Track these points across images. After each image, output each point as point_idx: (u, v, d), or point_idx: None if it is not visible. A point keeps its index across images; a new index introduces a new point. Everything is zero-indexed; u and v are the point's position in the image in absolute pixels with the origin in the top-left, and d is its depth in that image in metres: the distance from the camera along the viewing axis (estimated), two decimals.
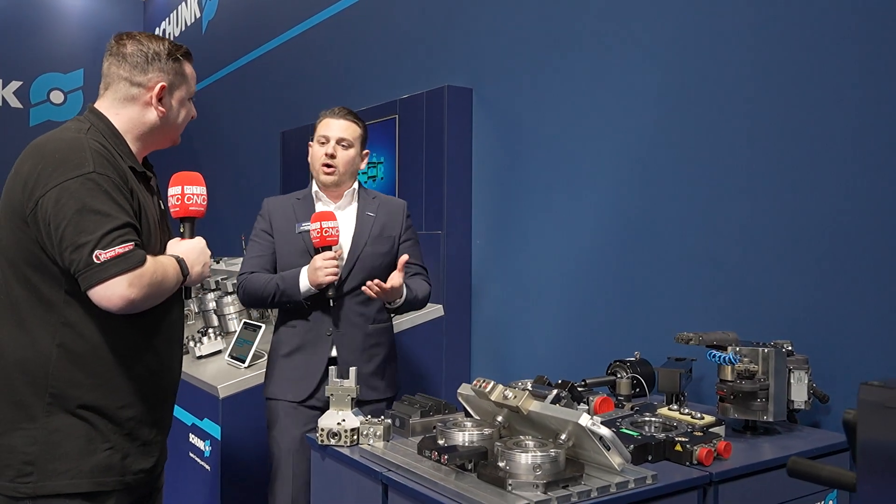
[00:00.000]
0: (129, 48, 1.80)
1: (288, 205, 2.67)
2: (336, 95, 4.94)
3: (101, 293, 1.58)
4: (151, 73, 1.80)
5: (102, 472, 1.71)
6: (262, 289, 2.51)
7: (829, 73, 2.24)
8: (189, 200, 1.88)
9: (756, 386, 1.97)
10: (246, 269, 2.60)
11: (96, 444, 1.70)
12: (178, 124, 1.89)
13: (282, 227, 2.62)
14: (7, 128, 9.00)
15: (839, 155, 2.21)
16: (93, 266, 1.57)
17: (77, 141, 1.68)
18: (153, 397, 1.82)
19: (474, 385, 1.77)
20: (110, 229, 1.59)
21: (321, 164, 2.58)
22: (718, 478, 1.72)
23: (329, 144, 2.58)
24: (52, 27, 9.47)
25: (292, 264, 2.54)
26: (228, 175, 6.74)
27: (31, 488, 1.65)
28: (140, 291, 1.61)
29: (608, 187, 2.95)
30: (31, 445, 1.66)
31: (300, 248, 2.56)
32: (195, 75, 1.94)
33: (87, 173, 1.62)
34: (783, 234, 2.35)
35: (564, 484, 1.52)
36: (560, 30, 3.18)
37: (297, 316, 2.57)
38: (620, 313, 2.90)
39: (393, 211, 2.67)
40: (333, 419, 1.92)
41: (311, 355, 2.53)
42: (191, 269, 1.81)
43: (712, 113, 2.57)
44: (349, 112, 2.66)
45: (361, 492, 1.78)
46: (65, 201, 1.59)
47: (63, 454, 1.67)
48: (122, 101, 1.80)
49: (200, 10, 7.58)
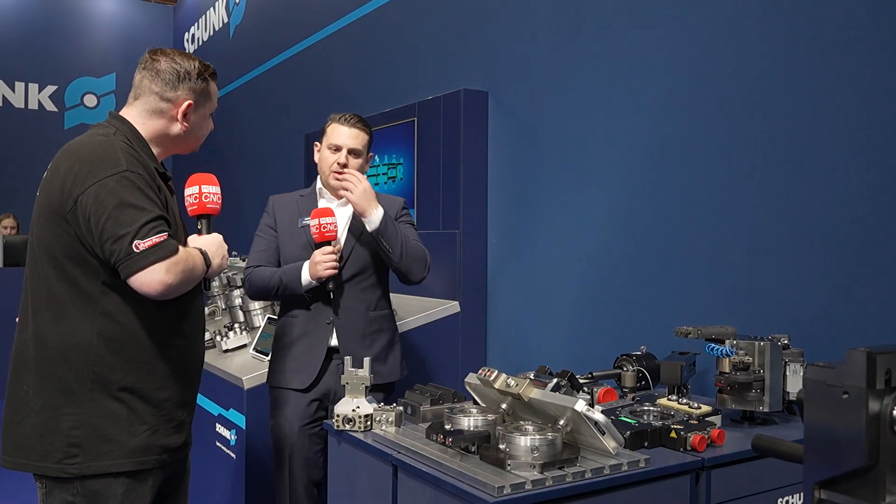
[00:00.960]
0: (163, 65, 1.94)
1: (292, 201, 2.78)
2: (357, 98, 5.07)
3: (142, 279, 1.72)
4: (181, 91, 1.95)
5: (143, 452, 1.84)
6: (267, 282, 2.62)
7: (828, 74, 2.31)
8: (206, 199, 2.02)
9: (751, 377, 2.05)
10: (251, 262, 2.71)
11: (136, 426, 1.84)
12: (198, 137, 2.06)
13: (285, 223, 2.73)
14: (43, 130, 9.29)
15: (837, 152, 2.28)
16: (133, 255, 1.71)
17: (109, 143, 1.83)
18: (183, 379, 1.96)
19: (479, 374, 1.89)
20: (146, 221, 1.74)
21: (332, 171, 2.67)
22: (711, 463, 1.81)
23: (341, 154, 2.66)
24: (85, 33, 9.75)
25: (295, 257, 2.65)
26: (254, 176, 6.90)
27: (78, 469, 1.78)
28: (176, 277, 1.75)
29: (618, 188, 3.04)
30: (77, 429, 1.79)
31: (303, 242, 2.67)
32: (217, 93, 2.09)
33: (122, 171, 1.77)
34: (785, 233, 2.43)
35: (560, 465, 1.62)
36: (574, 34, 3.27)
37: (298, 306, 2.68)
38: (629, 309, 2.99)
39: (388, 205, 2.77)
40: (349, 406, 2.04)
41: (312, 344, 2.64)
42: (211, 260, 1.95)
43: (716, 117, 2.65)
44: (359, 119, 2.73)
45: (374, 473, 1.90)
46: (103, 197, 1.74)
47: (106, 436, 1.80)
48: (150, 112, 1.95)
49: (228, 16, 7.77)
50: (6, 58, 9.19)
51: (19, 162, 9.09)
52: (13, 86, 9.24)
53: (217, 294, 4.53)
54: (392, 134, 4.25)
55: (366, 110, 4.71)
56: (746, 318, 2.50)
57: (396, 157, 4.22)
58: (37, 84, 9.36)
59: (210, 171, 2.20)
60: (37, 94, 9.37)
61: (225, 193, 2.12)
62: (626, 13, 3.02)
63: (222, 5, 7.94)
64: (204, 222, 2.03)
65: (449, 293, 3.65)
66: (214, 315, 4.48)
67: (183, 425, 1.98)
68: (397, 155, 4.20)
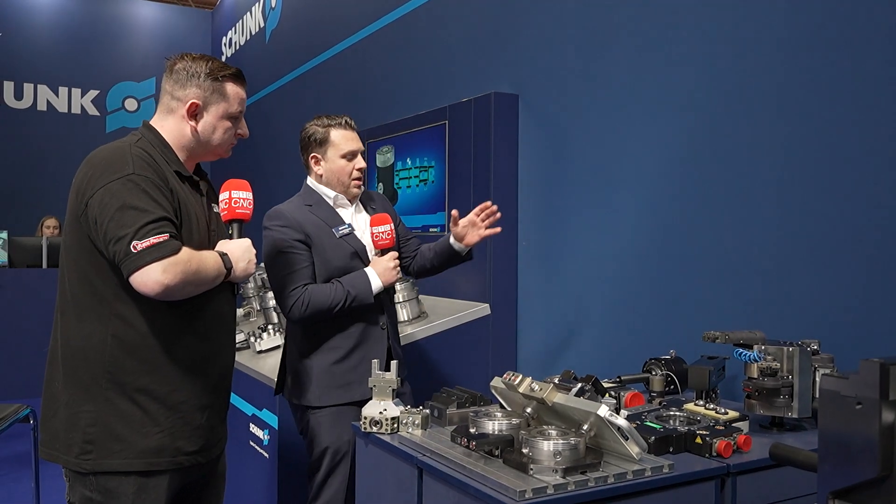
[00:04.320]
0: (178, 66, 2.00)
1: (307, 213, 2.63)
2: (388, 102, 5.11)
3: (139, 279, 1.76)
4: (188, 90, 1.98)
5: (154, 454, 1.88)
6: (331, 299, 2.50)
7: (857, 78, 2.28)
8: (236, 204, 2.06)
9: (779, 383, 2.04)
10: (299, 281, 2.53)
11: (148, 428, 1.88)
12: (215, 139, 2.03)
13: (317, 235, 2.59)
14: (86, 134, 9.53)
15: (868, 155, 2.25)
16: (130, 255, 1.75)
17: (121, 149, 1.90)
18: (201, 382, 1.97)
19: (504, 378, 1.90)
20: (146, 222, 1.77)
21: (354, 179, 2.66)
22: (736, 469, 1.80)
23: (359, 159, 2.67)
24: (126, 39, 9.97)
25: (342, 268, 2.59)
26: (287, 180, 6.99)
27: (92, 465, 1.85)
28: (174, 277, 1.77)
29: (648, 191, 3.03)
30: (92, 426, 1.85)
31: (348, 251, 2.61)
32: (242, 96, 2.06)
33: (128, 175, 1.82)
34: (816, 236, 2.40)
35: (583, 470, 1.63)
36: (603, 37, 3.26)
37: (348, 317, 2.59)
38: (660, 313, 2.98)
39: (383, 201, 2.83)
40: (376, 408, 2.07)
41: (368, 350, 2.60)
42: (235, 264, 1.96)
43: (746, 121, 2.63)
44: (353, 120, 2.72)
45: (400, 475, 1.93)
46: (107, 200, 1.79)
47: (118, 436, 1.86)
48: (165, 112, 2.01)
49: (264, 20, 7.88)
50: (50, 64, 9.46)
51: (63, 165, 9.32)
52: (57, 91, 9.50)
53: (252, 296, 4.61)
54: (423, 137, 4.28)
55: (397, 113, 4.76)
56: (777, 322, 2.47)
57: (428, 160, 4.25)
58: (79, 89, 9.61)
59: (246, 175, 2.24)
60: (79, 98, 9.62)
61: (260, 198, 2.16)
62: (656, 15, 3.01)
63: (259, 9, 8.06)
64: (235, 227, 2.06)
65: (479, 295, 3.67)
66: (249, 316, 4.56)
67: (202, 429, 1.98)
68: (429, 158, 4.23)
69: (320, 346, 2.60)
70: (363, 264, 2.63)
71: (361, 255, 2.64)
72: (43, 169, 9.30)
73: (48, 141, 9.42)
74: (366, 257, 2.66)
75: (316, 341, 2.61)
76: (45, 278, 6.52)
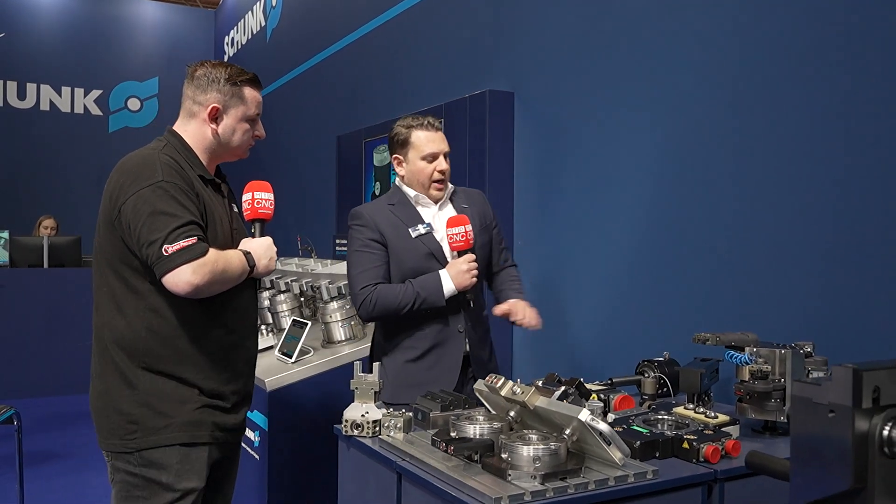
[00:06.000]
0: (199, 72, 2.11)
1: (386, 212, 2.60)
2: (387, 100, 5.08)
3: (171, 280, 1.88)
4: (210, 94, 2.09)
5: (195, 426, 2.02)
6: (399, 299, 2.47)
7: (852, 80, 2.23)
8: (258, 205, 2.19)
9: (769, 386, 1.99)
10: (368, 280, 2.51)
11: (188, 405, 2.01)
12: (235, 140, 2.14)
13: (392, 234, 2.55)
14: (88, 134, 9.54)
15: (864, 157, 2.20)
16: (162, 258, 1.87)
17: (150, 157, 2.01)
18: (228, 371, 2.10)
19: (487, 381, 1.86)
20: (176, 227, 1.89)
21: (434, 181, 2.58)
22: (724, 475, 1.75)
23: (440, 160, 2.58)
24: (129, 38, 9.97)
25: (417, 268, 2.53)
26: (288, 178, 6.97)
27: (137, 443, 1.98)
28: (203, 278, 1.89)
29: (643, 190, 2.98)
30: (135, 408, 1.98)
31: (423, 252, 2.55)
32: (258, 99, 2.18)
33: (158, 182, 1.94)
34: (810, 237, 2.35)
35: (563, 476, 1.58)
36: (600, 34, 3.22)
37: (425, 318, 2.53)
38: (654, 313, 2.93)
39: (479, 200, 2.71)
40: (358, 411, 2.03)
41: (444, 353, 2.55)
42: (257, 262, 2.09)
43: (741, 120, 2.58)
44: (436, 119, 2.65)
45: (379, 479, 1.89)
46: (140, 206, 1.92)
47: (161, 412, 1.98)
48: (187, 117, 2.12)
49: (265, 19, 7.86)
50: (53, 64, 9.46)
51: (65, 165, 9.37)
52: (59, 90, 9.50)
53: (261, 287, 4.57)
54: None
55: (393, 112, 4.72)
56: (771, 323, 2.42)
57: None
58: (82, 89, 9.61)
59: (248, 174, 2.32)
60: (82, 98, 9.62)
61: None
62: (652, 13, 2.96)
63: (260, 9, 8.04)
64: (257, 226, 2.19)
65: None
66: None
67: (234, 412, 2.12)
68: None
69: (397, 344, 2.59)
70: (440, 265, 2.54)
71: (437, 256, 2.55)
72: (46, 169, 9.31)
73: (51, 141, 9.43)
74: (443, 258, 2.57)
75: (393, 340, 2.60)
76: (46, 278, 6.52)
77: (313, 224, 6.09)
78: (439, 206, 2.65)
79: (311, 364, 3.22)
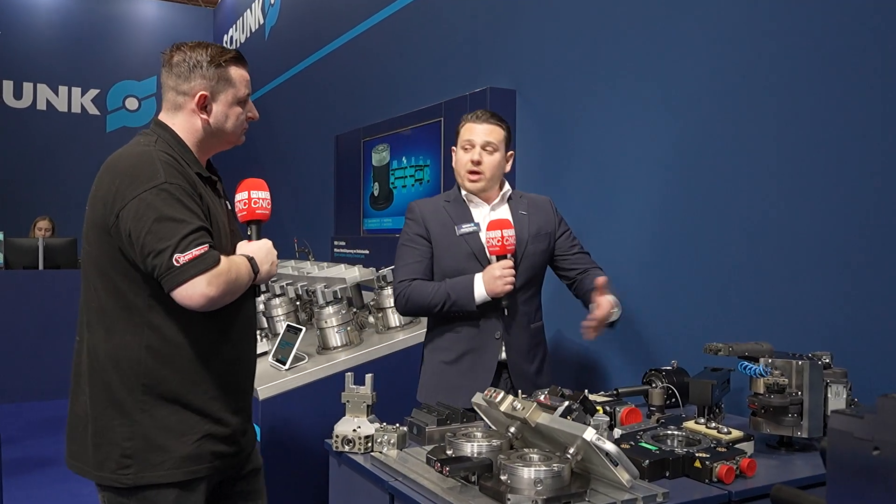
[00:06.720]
0: (176, 58, 1.90)
1: (439, 208, 2.56)
2: (386, 98, 4.97)
3: (184, 293, 1.70)
4: (194, 82, 1.89)
5: (194, 461, 1.83)
6: (430, 298, 2.42)
7: (866, 77, 2.12)
8: (255, 204, 1.99)
9: (786, 400, 1.87)
10: (405, 275, 2.48)
11: (188, 436, 1.83)
12: (228, 127, 1.95)
13: (439, 231, 2.51)
14: (86, 134, 9.44)
15: (885, 159, 2.09)
16: (173, 269, 1.68)
17: (147, 154, 1.81)
18: (233, 387, 1.94)
19: (485, 395, 1.75)
20: (186, 234, 1.71)
21: (466, 171, 2.50)
22: (738, 497, 1.64)
23: (474, 150, 2.48)
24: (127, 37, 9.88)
25: (456, 268, 2.46)
26: (286, 178, 6.87)
27: (132, 479, 1.79)
28: (218, 289, 1.72)
29: (649, 191, 2.87)
30: (129, 440, 1.79)
31: (464, 252, 2.47)
32: (246, 77, 1.98)
33: (160, 184, 1.74)
34: (828, 244, 2.24)
35: (566, 500, 1.47)
36: (603, 31, 3.11)
37: (462, 320, 2.47)
38: (663, 320, 2.82)
39: (543, 207, 2.60)
40: (349, 426, 1.92)
41: (478, 359, 2.46)
42: (260, 267, 1.90)
43: (753, 120, 2.47)
44: (493, 115, 2.54)
45: (371, 499, 1.78)
46: (143, 212, 1.71)
47: (158, 446, 1.80)
48: (173, 110, 1.92)
49: (264, 17, 7.77)
50: (49, 62, 9.36)
51: (62, 165, 9.26)
52: (56, 90, 9.40)
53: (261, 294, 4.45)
54: (419, 135, 4.13)
55: (394, 111, 4.61)
56: (786, 332, 2.31)
57: (423, 158, 4.09)
58: (79, 88, 9.51)
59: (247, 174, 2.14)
60: (79, 97, 9.52)
61: None
62: (656, 8, 2.84)
63: (258, 6, 7.94)
64: (254, 228, 2.00)
65: None
66: None
67: (235, 433, 1.94)
68: (424, 157, 4.08)
69: (436, 344, 2.54)
70: (480, 267, 2.44)
71: (479, 258, 2.46)
72: (43, 170, 9.21)
73: (48, 141, 9.32)
74: (485, 260, 2.46)
75: (434, 338, 2.56)
76: (41, 280, 6.44)
77: (311, 225, 5.98)
78: (492, 207, 2.56)
79: (306, 371, 3.11)
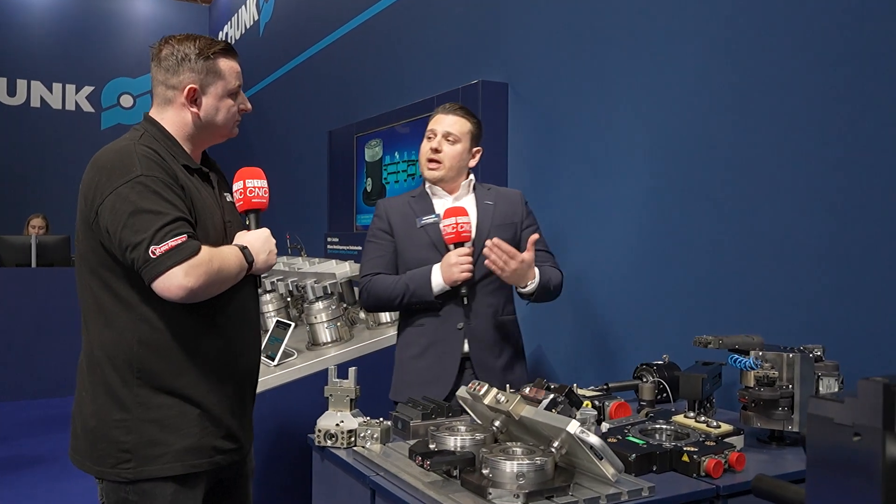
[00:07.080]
0: (164, 52, 1.88)
1: (404, 203, 2.57)
2: (379, 92, 4.94)
3: (162, 285, 1.67)
4: (182, 76, 1.86)
5: (193, 455, 1.81)
6: (390, 290, 2.42)
7: (860, 75, 2.09)
8: (251, 193, 1.96)
9: (776, 394, 1.84)
10: (368, 270, 2.49)
11: (186, 429, 1.80)
12: (220, 120, 1.92)
13: (401, 225, 2.51)
14: (80, 131, 9.40)
15: (874, 151, 2.06)
16: (150, 261, 1.66)
17: (125, 149, 1.79)
18: (230, 381, 1.89)
19: (469, 388, 1.71)
20: (162, 225, 1.68)
21: (426, 160, 2.50)
22: (726, 492, 1.61)
23: (435, 139, 2.49)
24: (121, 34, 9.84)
25: (418, 259, 2.45)
26: (280, 173, 6.84)
27: (132, 474, 1.77)
28: (197, 280, 1.69)
29: (641, 184, 2.84)
30: (127, 435, 1.77)
31: (424, 242, 2.46)
32: (236, 69, 1.94)
33: (136, 177, 1.72)
34: (820, 235, 2.21)
35: (549, 494, 1.44)
36: (597, 24, 3.08)
37: (424, 313, 2.46)
38: (654, 314, 2.79)
39: (511, 199, 2.58)
40: (332, 420, 1.89)
41: (442, 352, 2.44)
42: (256, 257, 1.87)
43: (744, 112, 2.44)
44: (460, 107, 2.56)
45: (353, 495, 1.75)
46: (119, 206, 1.70)
47: (156, 440, 1.78)
48: (162, 104, 1.90)
49: (258, 13, 7.74)
50: (44, 59, 9.32)
51: (57, 163, 9.21)
52: (51, 87, 9.36)
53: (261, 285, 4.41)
54: (411, 130, 4.10)
55: (385, 106, 4.58)
56: (778, 325, 2.28)
57: (416, 153, 4.05)
58: (74, 85, 9.47)
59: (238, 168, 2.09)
60: (74, 94, 9.48)
61: None
62: (648, 4, 2.81)
63: (253, 3, 7.91)
64: (252, 217, 1.97)
65: None
66: None
67: (235, 428, 1.91)
68: (417, 152, 4.04)
69: (403, 340, 2.54)
70: (440, 257, 2.41)
71: (439, 247, 2.44)
72: (37, 167, 9.17)
73: (42, 138, 9.29)
74: (445, 250, 2.43)
75: (402, 334, 2.55)
76: (35, 278, 6.39)
77: (304, 221, 5.95)
78: (455, 198, 2.54)
79: (295, 367, 3.08)
